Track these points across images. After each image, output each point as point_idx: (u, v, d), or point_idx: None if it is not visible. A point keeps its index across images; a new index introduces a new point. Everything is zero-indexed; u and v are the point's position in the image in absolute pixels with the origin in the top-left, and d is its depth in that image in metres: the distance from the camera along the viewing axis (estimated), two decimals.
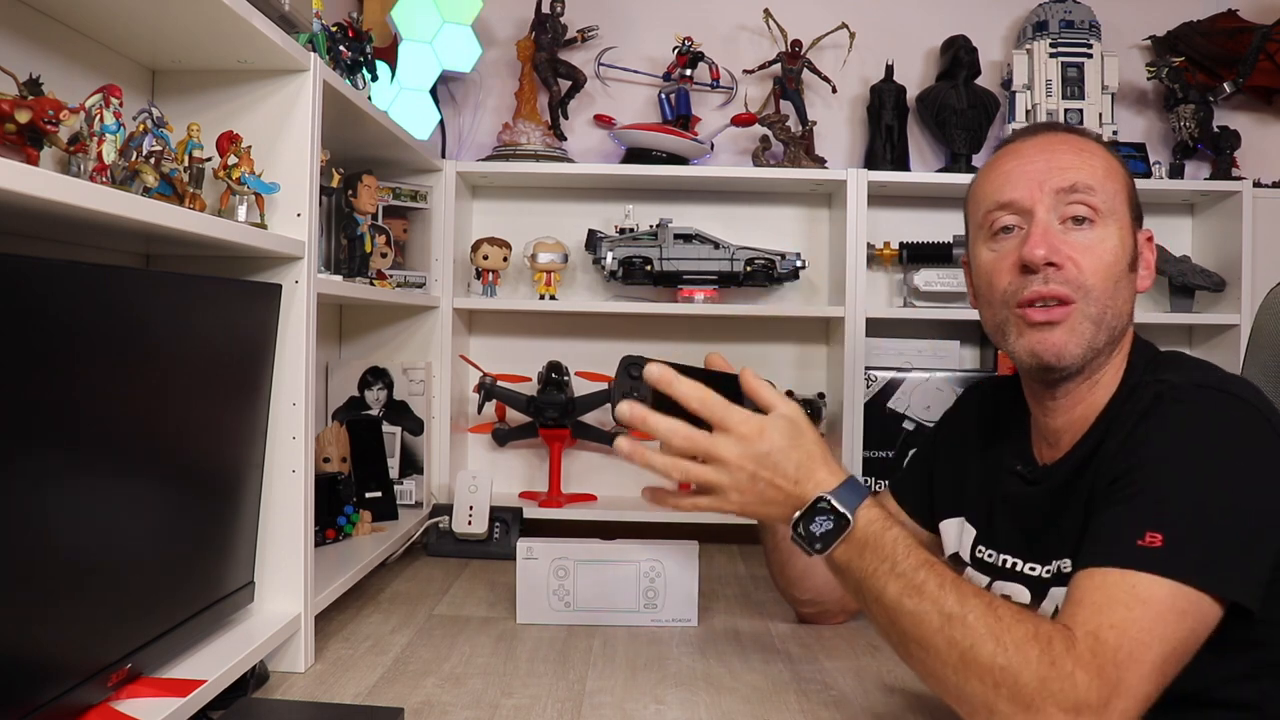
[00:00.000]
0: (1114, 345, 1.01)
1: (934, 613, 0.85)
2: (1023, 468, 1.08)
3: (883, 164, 2.05)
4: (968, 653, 0.82)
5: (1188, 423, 0.91)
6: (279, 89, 1.16)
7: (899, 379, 1.99)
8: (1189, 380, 0.94)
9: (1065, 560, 0.98)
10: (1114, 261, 0.99)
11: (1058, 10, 2.04)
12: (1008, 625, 0.82)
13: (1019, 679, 0.79)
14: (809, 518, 0.92)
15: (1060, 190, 0.99)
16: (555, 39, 2.06)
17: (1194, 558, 0.83)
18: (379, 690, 1.10)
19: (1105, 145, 1.06)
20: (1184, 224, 2.14)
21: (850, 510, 0.91)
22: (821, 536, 0.91)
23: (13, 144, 0.73)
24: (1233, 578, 0.84)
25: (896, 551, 0.89)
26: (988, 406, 1.19)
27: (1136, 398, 0.96)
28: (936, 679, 0.86)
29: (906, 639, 0.87)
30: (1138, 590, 0.82)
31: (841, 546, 0.91)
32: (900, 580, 0.87)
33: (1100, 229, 1.00)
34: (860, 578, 0.90)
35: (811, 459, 0.94)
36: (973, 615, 0.83)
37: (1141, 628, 0.80)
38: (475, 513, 1.77)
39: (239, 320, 1.07)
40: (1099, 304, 0.98)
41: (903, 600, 0.87)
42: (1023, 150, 1.04)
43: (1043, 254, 0.97)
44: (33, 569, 0.75)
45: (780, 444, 0.93)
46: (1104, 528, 0.88)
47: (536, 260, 1.97)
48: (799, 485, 0.93)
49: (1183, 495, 0.86)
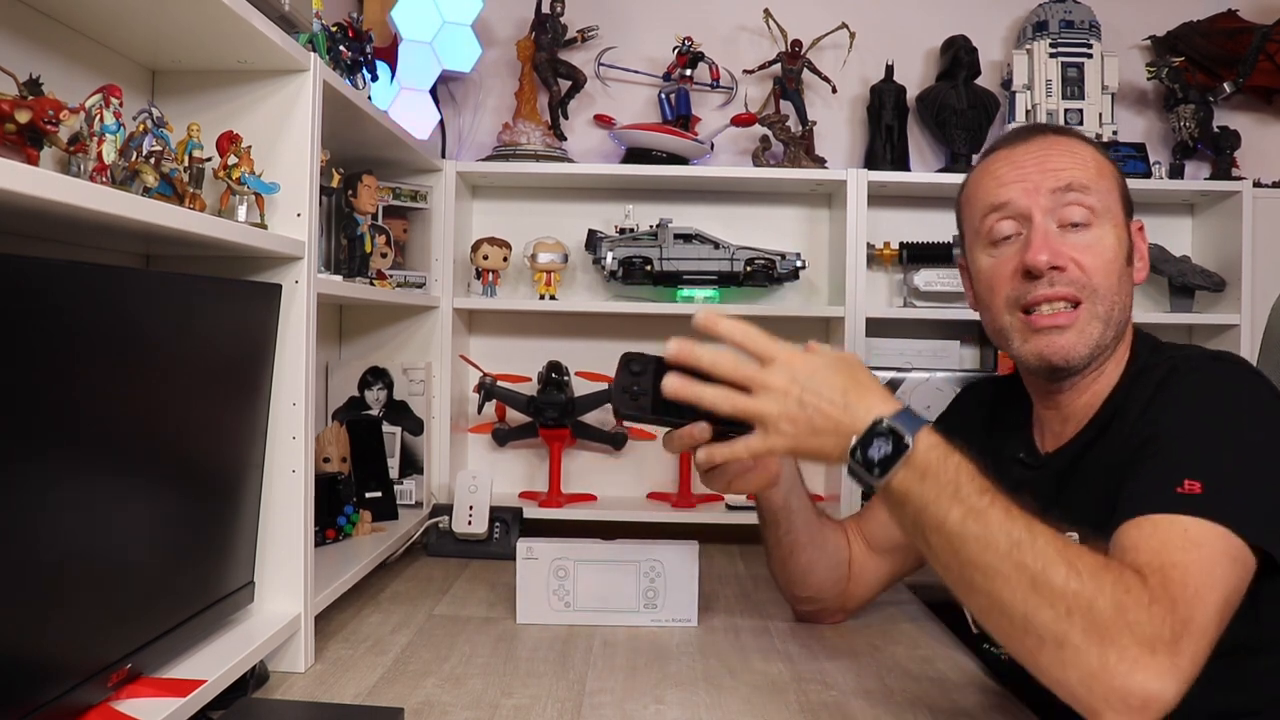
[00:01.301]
0: (1119, 339, 1.04)
1: (1002, 537, 0.81)
2: (1025, 456, 1.09)
3: (883, 164, 2.05)
4: (1039, 576, 0.78)
5: (1208, 384, 0.94)
6: (279, 89, 1.16)
7: (899, 379, 1.99)
8: (1200, 354, 0.99)
9: (1071, 532, 0.97)
10: (1114, 259, 1.01)
11: (1058, 10, 2.04)
12: (1079, 552, 0.80)
13: (1094, 605, 0.76)
14: (866, 442, 0.87)
15: (1055, 190, 1.01)
16: (555, 39, 2.06)
17: (1235, 504, 0.83)
18: (379, 690, 1.10)
19: (1094, 143, 1.08)
20: (1184, 224, 2.14)
21: (910, 432, 0.86)
22: (880, 461, 0.86)
23: (13, 144, 0.73)
24: (1270, 529, 0.84)
25: (960, 477, 0.85)
26: (986, 402, 1.20)
27: (1149, 374, 0.99)
28: (1001, 610, 0.81)
29: (971, 568, 0.82)
30: (1190, 533, 0.81)
31: (901, 472, 0.85)
32: (964, 505, 0.83)
33: (1097, 229, 1.01)
34: (920, 505, 0.85)
35: (861, 385, 0.90)
36: (1043, 539, 0.80)
37: (1202, 569, 0.79)
38: (475, 513, 1.77)
39: (239, 320, 1.07)
40: (1106, 302, 1.00)
41: (967, 524, 0.82)
42: (1014, 154, 1.05)
43: (1046, 259, 0.99)
44: (33, 569, 0.75)
45: (826, 368, 0.90)
46: (1139, 484, 0.88)
47: (536, 260, 1.97)
48: (849, 410, 0.88)
49: (1214, 448, 0.87)
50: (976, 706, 1.08)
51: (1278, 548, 0.84)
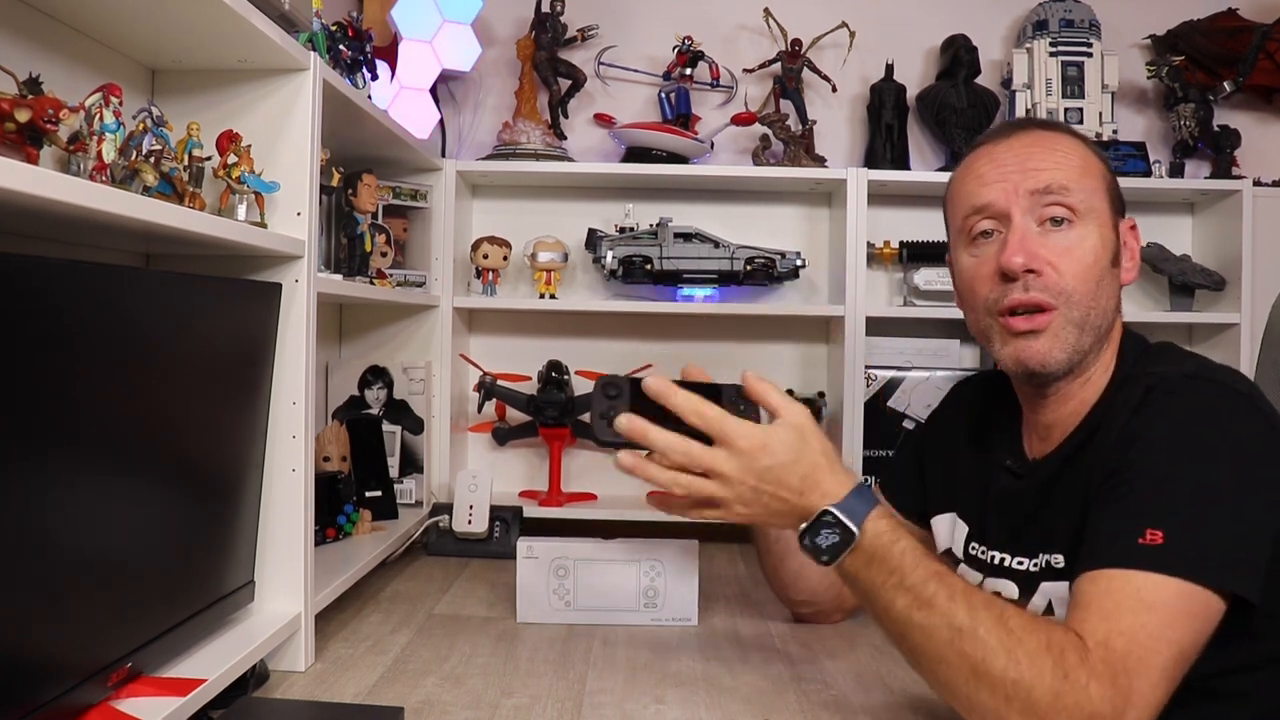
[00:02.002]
0: (1102, 343, 1.01)
1: (944, 626, 0.84)
2: (1012, 462, 1.08)
3: (883, 163, 2.05)
4: (979, 666, 0.81)
5: (1180, 415, 0.90)
6: (279, 88, 1.16)
7: (899, 378, 1.99)
8: (1179, 371, 0.94)
9: (1056, 555, 0.97)
10: (1094, 261, 0.98)
11: (1058, 9, 2.04)
12: (1019, 638, 0.81)
13: (1032, 693, 0.79)
14: (814, 530, 0.91)
15: (1035, 192, 0.98)
16: (555, 38, 2.06)
17: (1196, 553, 0.82)
18: (379, 690, 1.10)
19: (1081, 139, 1.04)
20: (1184, 223, 2.14)
21: (856, 522, 0.90)
22: (828, 549, 0.91)
23: (13, 143, 0.73)
24: (1234, 571, 0.83)
25: (904, 563, 0.88)
26: (977, 402, 1.19)
27: (1127, 391, 0.95)
28: (949, 690, 0.85)
29: (917, 652, 0.87)
30: (1143, 593, 0.81)
31: (849, 558, 0.90)
32: (909, 594, 0.86)
33: (1079, 228, 0.98)
34: (868, 589, 0.90)
35: (816, 469, 0.93)
36: (984, 628, 0.82)
37: (1150, 633, 0.80)
38: (475, 512, 1.77)
39: (239, 319, 1.07)
40: (1081, 307, 0.97)
41: (912, 614, 0.86)
42: (996, 151, 1.03)
43: (1020, 261, 0.97)
44: (33, 568, 0.75)
45: (783, 458, 0.93)
46: (1103, 526, 0.88)
47: (536, 259, 1.97)
48: (804, 497, 0.92)
49: (1180, 489, 0.86)
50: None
51: (1245, 588, 0.83)
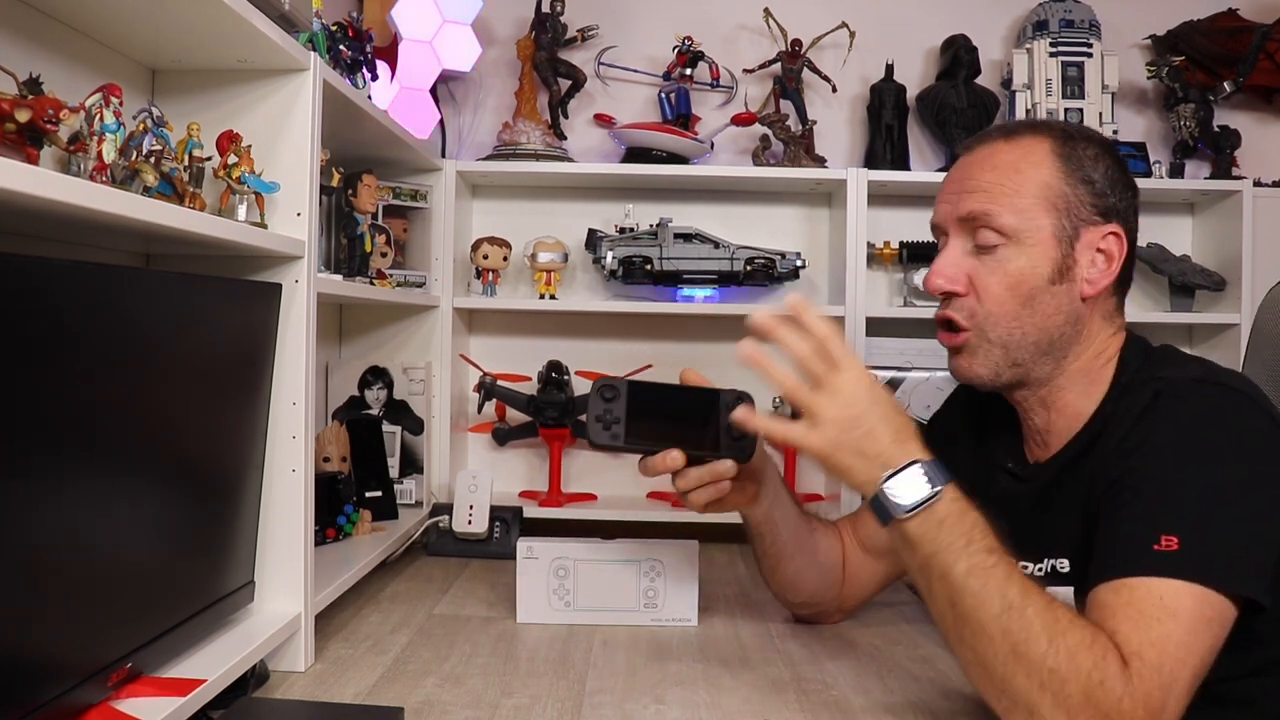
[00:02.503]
0: (1057, 356, 1.01)
1: (996, 597, 0.84)
2: (1014, 466, 1.08)
3: (883, 163, 2.05)
4: (1020, 645, 0.82)
5: (1188, 419, 0.91)
6: (279, 88, 1.16)
7: (899, 378, 1.99)
8: (1186, 376, 0.94)
9: (1060, 559, 0.97)
10: (1018, 283, 0.99)
11: (1058, 9, 2.04)
12: (1064, 629, 0.81)
13: (1066, 686, 0.79)
14: (901, 478, 0.91)
15: (961, 219, 1.02)
16: (555, 38, 2.06)
17: (1212, 558, 0.83)
18: (379, 690, 1.10)
19: (1049, 144, 1.01)
20: (1184, 223, 2.14)
21: (943, 481, 0.90)
22: (913, 500, 0.90)
23: (13, 143, 0.73)
24: (1248, 575, 0.84)
25: (974, 531, 0.88)
26: (978, 405, 1.19)
27: (1133, 396, 0.96)
28: (983, 667, 0.85)
29: (963, 621, 0.86)
30: (1166, 601, 0.82)
31: (922, 515, 0.90)
32: (971, 559, 0.87)
33: (1007, 249, 0.99)
34: (932, 551, 0.89)
35: (909, 432, 0.94)
36: (1032, 610, 0.83)
37: (1177, 643, 0.80)
38: (475, 512, 1.77)
39: (239, 320, 1.07)
40: (1002, 328, 1.00)
41: (969, 579, 0.86)
42: (956, 165, 1.06)
43: (940, 283, 1.02)
44: (33, 569, 0.75)
45: (889, 403, 0.94)
46: (1117, 533, 0.88)
47: (536, 260, 1.97)
48: (897, 444, 0.92)
49: (1191, 493, 0.86)
50: (976, 707, 1.08)
51: (1259, 592, 0.84)
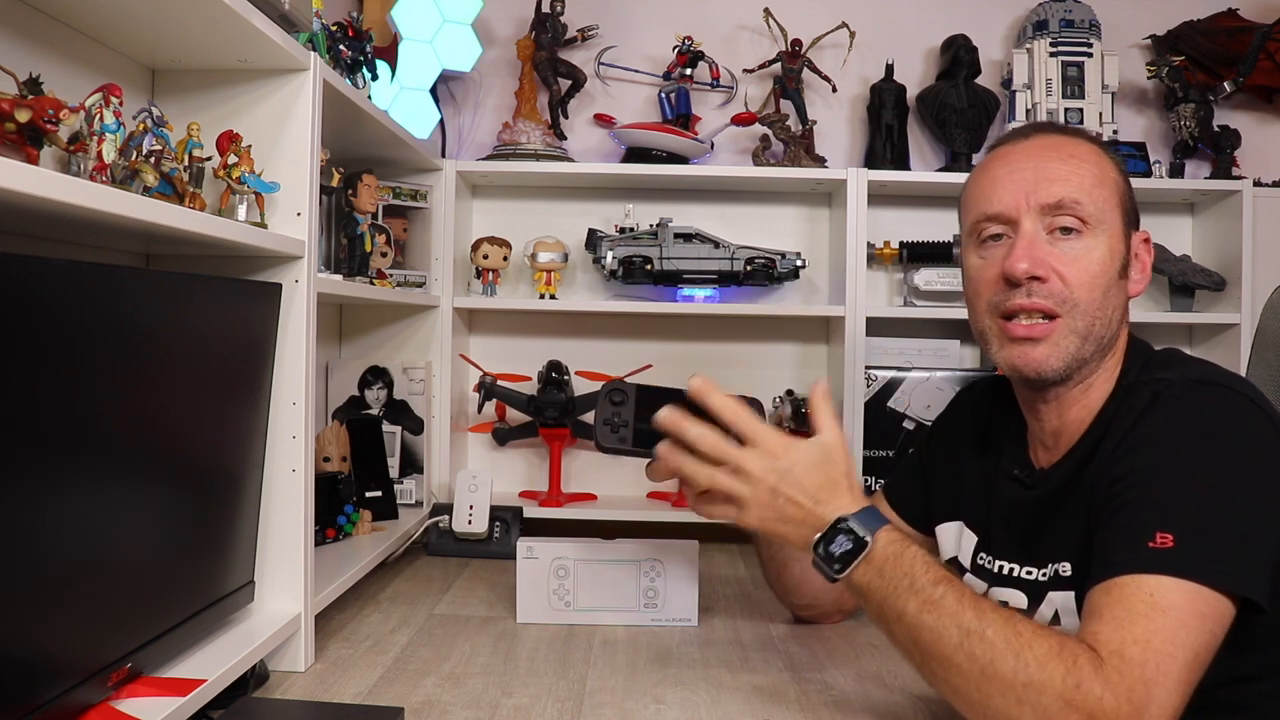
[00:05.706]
0: (1104, 352, 1.00)
1: (953, 628, 0.84)
2: (1019, 471, 1.07)
3: (883, 163, 2.05)
4: (988, 668, 0.82)
5: (1187, 419, 0.91)
6: (279, 88, 1.16)
7: (899, 378, 1.99)
8: (1185, 377, 0.94)
9: (1064, 564, 0.97)
10: (1101, 271, 0.98)
11: (1058, 9, 2.04)
12: (1028, 641, 0.81)
13: (1043, 697, 0.79)
14: (829, 538, 0.92)
15: (1046, 206, 0.98)
16: (555, 38, 2.06)
17: (1208, 556, 0.82)
18: (379, 690, 1.10)
19: (1100, 146, 1.04)
20: (1184, 223, 2.14)
21: (870, 531, 0.91)
22: (841, 557, 0.92)
23: (13, 143, 0.73)
24: (1245, 574, 0.83)
25: (915, 568, 0.89)
26: (982, 409, 1.18)
27: (1133, 397, 0.95)
28: (960, 696, 0.85)
29: (928, 657, 0.87)
30: (1156, 597, 0.81)
31: (861, 567, 0.91)
32: (919, 596, 0.87)
33: (1088, 238, 0.98)
34: (881, 598, 0.90)
35: (835, 484, 0.95)
36: (991, 630, 0.83)
37: (1165, 638, 0.79)
38: (475, 512, 1.77)
39: (239, 320, 1.07)
40: (1086, 317, 0.97)
41: (922, 616, 0.86)
42: (1012, 156, 1.03)
43: (1025, 267, 0.97)
44: (33, 569, 0.75)
45: (805, 463, 0.95)
46: (1114, 533, 0.87)
47: (536, 260, 1.97)
48: (819, 505, 0.94)
49: (1189, 492, 0.86)
50: None
51: (1256, 592, 0.83)
